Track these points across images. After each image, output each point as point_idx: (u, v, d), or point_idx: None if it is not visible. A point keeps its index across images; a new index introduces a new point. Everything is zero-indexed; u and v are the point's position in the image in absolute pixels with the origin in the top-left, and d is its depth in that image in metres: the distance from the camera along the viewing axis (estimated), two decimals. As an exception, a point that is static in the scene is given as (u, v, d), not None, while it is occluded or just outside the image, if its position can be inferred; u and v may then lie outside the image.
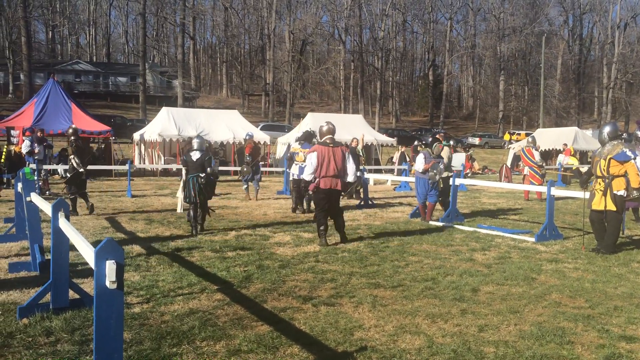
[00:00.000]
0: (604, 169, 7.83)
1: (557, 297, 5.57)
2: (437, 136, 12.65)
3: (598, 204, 7.90)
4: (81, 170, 11.14)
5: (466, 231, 9.62)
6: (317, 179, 8.16)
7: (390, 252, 7.69)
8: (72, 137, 11.41)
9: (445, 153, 11.92)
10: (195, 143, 9.51)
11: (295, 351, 4.04)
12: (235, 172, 19.95)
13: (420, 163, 10.80)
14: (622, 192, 7.67)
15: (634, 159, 7.72)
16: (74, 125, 12.73)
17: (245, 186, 14.60)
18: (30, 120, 20.61)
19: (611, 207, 7.77)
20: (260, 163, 15.06)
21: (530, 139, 16.10)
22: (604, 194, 7.81)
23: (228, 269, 6.52)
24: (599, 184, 7.91)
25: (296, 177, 11.97)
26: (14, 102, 45.32)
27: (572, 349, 4.16)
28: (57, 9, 67.34)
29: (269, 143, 25.10)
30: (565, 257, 7.53)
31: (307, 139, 12.42)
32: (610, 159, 7.76)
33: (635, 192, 7.63)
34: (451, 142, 14.68)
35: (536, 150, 15.47)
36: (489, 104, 68.54)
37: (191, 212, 9.11)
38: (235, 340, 4.23)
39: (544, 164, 15.57)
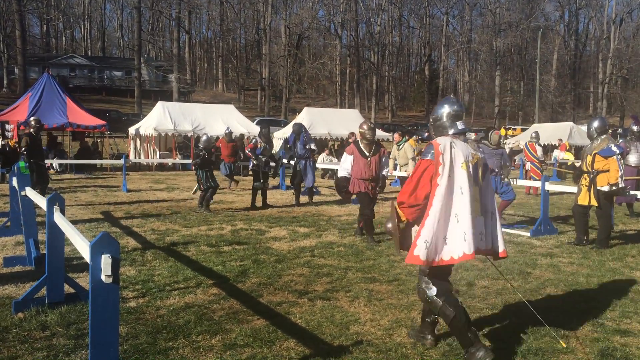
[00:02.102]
0: (589, 164, 7.86)
1: (552, 292, 5.59)
2: (396, 134, 12.70)
3: (583, 199, 7.94)
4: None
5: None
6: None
7: (386, 246, 7.70)
8: (31, 130, 11.58)
9: (409, 149, 11.93)
10: (201, 142, 11.21)
11: (291, 345, 4.05)
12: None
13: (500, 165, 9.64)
14: (605, 188, 7.68)
15: (619, 154, 7.72)
16: (36, 117, 12.81)
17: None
18: (25, 114, 20.53)
19: (593, 202, 7.80)
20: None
21: (534, 134, 16.17)
22: (589, 190, 7.84)
23: (224, 263, 6.52)
24: (585, 179, 7.95)
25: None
26: (8, 96, 45.11)
27: (567, 343, 4.18)
28: (52, 2, 66.90)
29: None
30: (560, 252, 7.56)
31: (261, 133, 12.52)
32: (595, 154, 7.79)
33: (612, 186, 7.62)
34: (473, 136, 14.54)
35: (539, 145, 15.57)
36: (485, 99, 68.62)
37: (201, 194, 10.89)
38: (231, 335, 4.23)
39: (545, 160, 15.69)
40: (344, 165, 8.04)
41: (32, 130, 11.70)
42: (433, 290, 3.77)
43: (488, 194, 3.92)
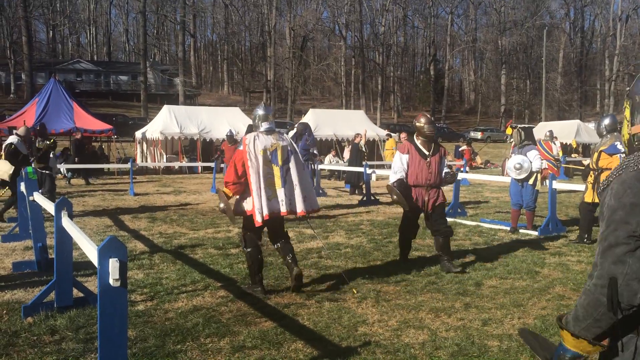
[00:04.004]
0: (594, 162, 7.83)
1: (561, 290, 5.56)
2: (402, 134, 12.60)
3: (589, 197, 7.93)
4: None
5: (469, 225, 9.61)
6: None
7: (393, 247, 7.69)
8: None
9: None
10: None
11: (299, 347, 4.05)
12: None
13: (508, 164, 8.99)
14: None
15: (623, 152, 7.67)
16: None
17: None
18: (32, 120, 20.63)
19: (597, 199, 7.77)
20: None
21: (548, 133, 16.23)
22: (593, 187, 7.82)
23: (231, 265, 6.53)
24: (591, 176, 7.93)
25: None
26: (15, 102, 45.37)
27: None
28: (58, 8, 67.29)
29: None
30: (569, 250, 7.52)
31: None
32: (601, 151, 7.75)
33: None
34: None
35: (554, 144, 15.58)
36: (491, 98, 68.35)
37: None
38: (239, 337, 4.24)
39: (560, 158, 15.72)
40: (398, 165, 6.46)
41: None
42: (248, 243, 5.41)
43: (290, 172, 5.36)
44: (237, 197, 5.43)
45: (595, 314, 1.64)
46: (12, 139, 9.94)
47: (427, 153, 6.41)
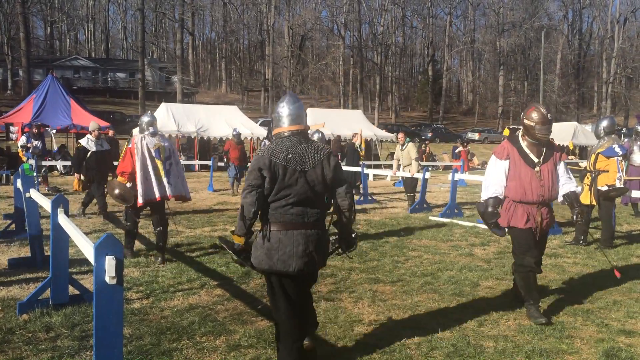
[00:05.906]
0: (591, 164, 7.85)
1: (557, 292, 5.57)
2: (400, 134, 12.61)
3: (584, 198, 7.94)
4: None
5: (466, 226, 9.62)
6: None
7: (389, 247, 7.70)
8: None
9: (412, 149, 11.95)
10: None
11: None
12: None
13: None
14: (603, 188, 7.65)
15: (621, 156, 7.67)
16: None
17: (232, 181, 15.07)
18: (29, 116, 20.61)
19: (593, 202, 7.80)
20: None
21: None
22: (590, 189, 7.84)
23: (228, 264, 6.52)
24: (587, 178, 7.95)
25: None
26: (12, 98, 45.19)
27: (572, 343, 4.16)
28: (56, 4, 67.00)
29: (268, 139, 25.06)
30: (565, 252, 7.53)
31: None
32: (598, 153, 7.76)
33: (609, 187, 7.58)
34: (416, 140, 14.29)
35: None
36: (489, 99, 68.42)
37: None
38: (235, 336, 4.23)
39: None
40: (493, 177, 4.89)
41: None
42: (129, 219, 6.93)
43: (172, 167, 6.75)
44: (130, 183, 6.64)
45: (241, 222, 3.41)
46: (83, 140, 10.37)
47: (535, 160, 4.76)
